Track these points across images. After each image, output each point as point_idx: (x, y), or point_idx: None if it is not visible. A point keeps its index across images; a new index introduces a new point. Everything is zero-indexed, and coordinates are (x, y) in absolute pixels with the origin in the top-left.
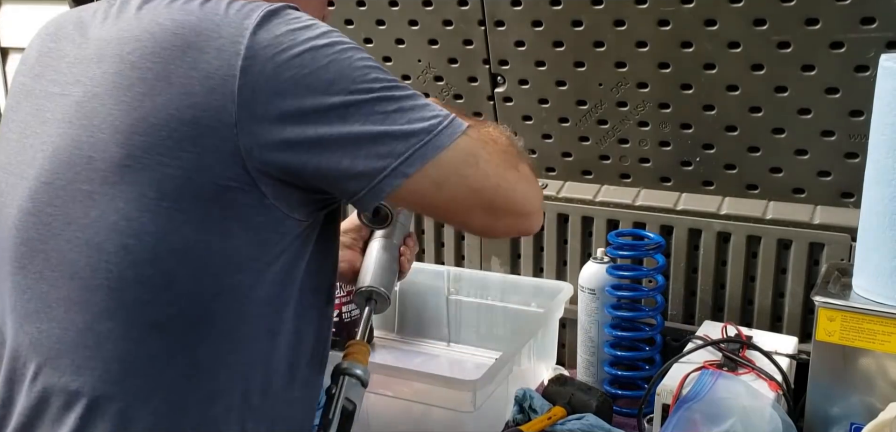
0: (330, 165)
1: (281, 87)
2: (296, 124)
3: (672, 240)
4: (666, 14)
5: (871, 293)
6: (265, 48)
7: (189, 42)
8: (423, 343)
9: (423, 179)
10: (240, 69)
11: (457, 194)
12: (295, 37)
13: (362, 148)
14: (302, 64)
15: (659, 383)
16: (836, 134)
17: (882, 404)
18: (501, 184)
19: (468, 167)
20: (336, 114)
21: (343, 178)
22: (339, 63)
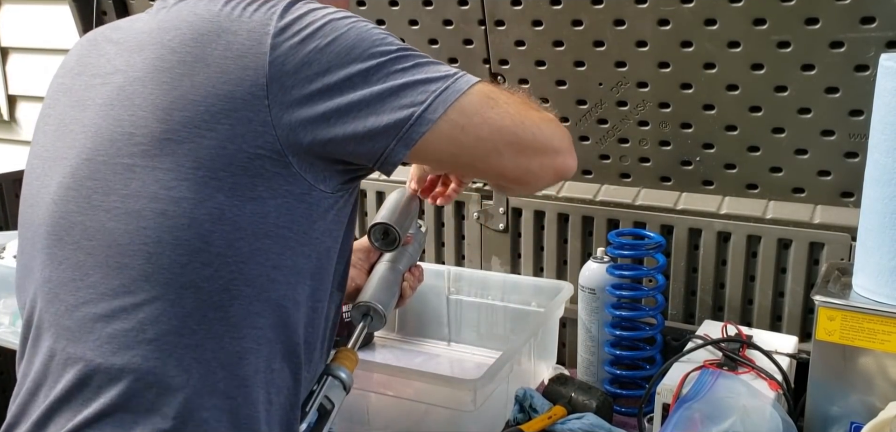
0: (357, 129)
1: (307, 60)
2: (323, 98)
3: (672, 239)
4: (666, 13)
5: (871, 292)
6: (291, 24)
7: (223, 27)
8: (423, 342)
9: (447, 124)
10: (269, 45)
11: (481, 133)
12: (316, 14)
13: (387, 102)
14: (324, 34)
15: (659, 382)
16: (836, 133)
17: (882, 403)
18: (525, 121)
19: (489, 108)
20: (359, 77)
21: (371, 137)
22: (357, 31)
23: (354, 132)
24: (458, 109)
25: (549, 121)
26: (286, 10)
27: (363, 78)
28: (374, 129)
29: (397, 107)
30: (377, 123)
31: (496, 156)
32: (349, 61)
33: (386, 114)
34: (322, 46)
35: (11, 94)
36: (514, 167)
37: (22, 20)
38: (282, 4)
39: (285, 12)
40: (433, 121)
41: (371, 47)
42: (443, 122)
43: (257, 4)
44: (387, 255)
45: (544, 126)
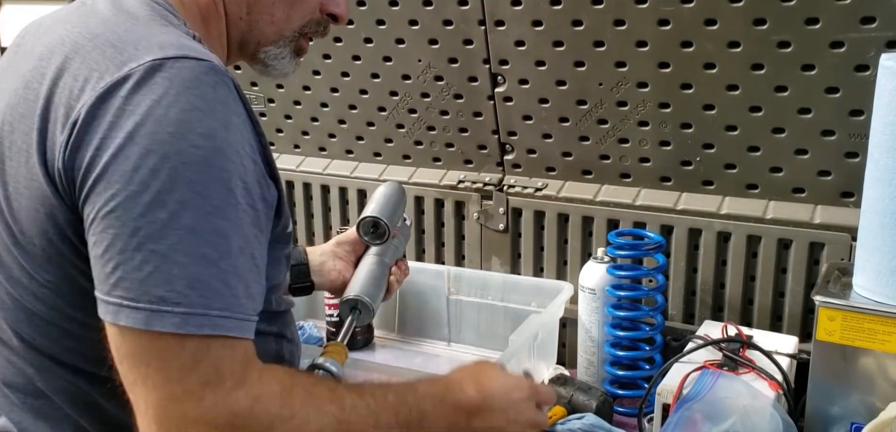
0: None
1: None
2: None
3: (672, 239)
4: (666, 14)
5: (871, 292)
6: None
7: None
8: (423, 342)
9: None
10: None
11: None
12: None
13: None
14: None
15: (659, 383)
16: (836, 133)
17: (882, 403)
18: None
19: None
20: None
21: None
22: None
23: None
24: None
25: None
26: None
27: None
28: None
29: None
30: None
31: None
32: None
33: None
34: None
35: None
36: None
37: (22, 21)
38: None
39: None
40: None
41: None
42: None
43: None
44: (373, 249)
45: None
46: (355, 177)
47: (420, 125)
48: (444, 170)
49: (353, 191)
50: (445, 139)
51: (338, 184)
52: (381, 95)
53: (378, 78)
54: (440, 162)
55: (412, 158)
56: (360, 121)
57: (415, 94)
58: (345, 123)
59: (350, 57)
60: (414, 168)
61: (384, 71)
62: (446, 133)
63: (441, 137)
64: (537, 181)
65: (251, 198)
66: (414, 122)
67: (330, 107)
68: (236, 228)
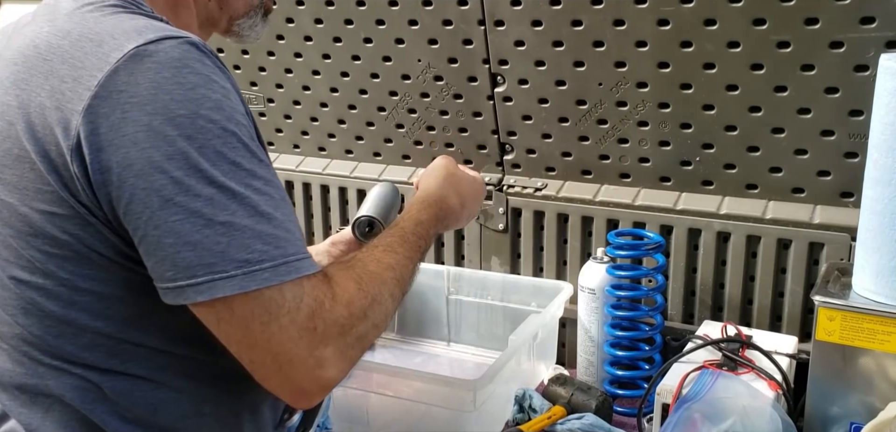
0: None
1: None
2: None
3: (672, 239)
4: (666, 14)
5: (870, 292)
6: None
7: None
8: (423, 342)
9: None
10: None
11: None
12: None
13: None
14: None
15: (659, 382)
16: (835, 133)
17: (882, 403)
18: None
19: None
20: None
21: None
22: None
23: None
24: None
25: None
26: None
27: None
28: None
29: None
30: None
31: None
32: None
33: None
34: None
35: None
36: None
37: None
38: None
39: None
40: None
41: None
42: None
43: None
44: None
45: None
46: (355, 177)
47: (420, 125)
48: None
49: (352, 191)
50: (445, 139)
51: (337, 184)
52: (380, 95)
53: (378, 78)
54: None
55: (412, 158)
56: (360, 121)
57: (414, 94)
58: (344, 123)
59: (350, 57)
60: (414, 168)
61: (384, 71)
62: (446, 133)
63: (441, 137)
64: (537, 181)
65: (263, 152)
66: (413, 122)
67: (330, 107)
68: (269, 182)
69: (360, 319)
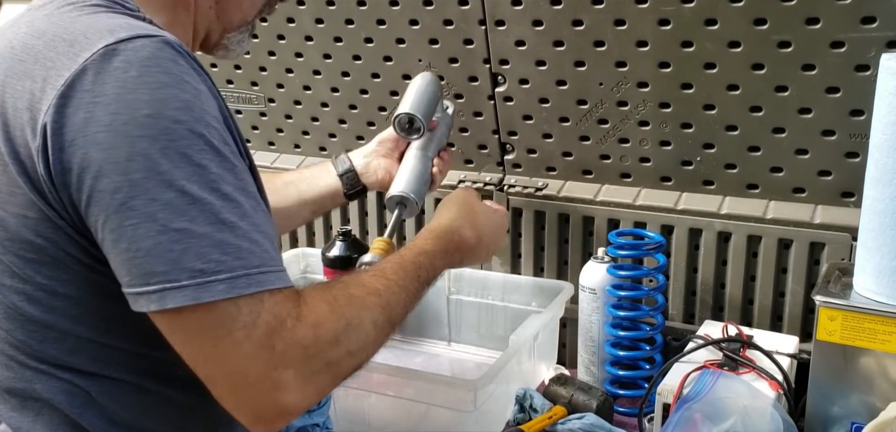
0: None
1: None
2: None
3: (672, 239)
4: (666, 13)
5: (871, 292)
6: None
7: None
8: (423, 342)
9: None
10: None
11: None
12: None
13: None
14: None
15: (660, 382)
16: (836, 133)
17: (883, 403)
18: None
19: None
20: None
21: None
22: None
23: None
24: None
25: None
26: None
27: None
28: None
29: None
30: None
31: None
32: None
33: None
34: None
35: None
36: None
37: None
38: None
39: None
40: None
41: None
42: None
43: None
44: (415, 142)
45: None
46: None
47: None
48: None
49: None
50: None
51: None
52: (381, 95)
53: (378, 78)
54: None
55: None
56: (361, 121)
57: None
58: (345, 123)
59: (350, 57)
60: None
61: (384, 71)
62: None
63: None
64: (538, 181)
65: (242, 155)
66: None
67: (330, 107)
68: (240, 189)
69: (330, 344)
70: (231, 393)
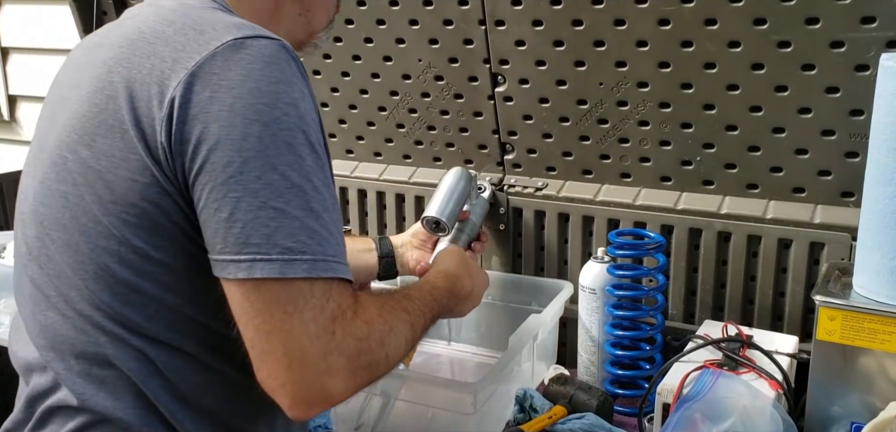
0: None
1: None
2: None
3: (672, 239)
4: (666, 13)
5: (871, 292)
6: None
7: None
8: (423, 342)
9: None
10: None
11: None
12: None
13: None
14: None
15: (659, 382)
16: (836, 133)
17: (882, 403)
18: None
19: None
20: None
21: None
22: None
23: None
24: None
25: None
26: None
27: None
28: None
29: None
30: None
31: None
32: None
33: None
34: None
35: (12, 94)
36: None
37: (22, 20)
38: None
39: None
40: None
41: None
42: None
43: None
44: (445, 237)
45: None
46: (355, 177)
47: (420, 125)
48: (444, 170)
49: (353, 191)
50: (446, 139)
51: (338, 184)
52: (381, 95)
53: (378, 78)
54: (440, 161)
55: (412, 158)
56: (361, 121)
57: (415, 93)
58: (345, 123)
59: (350, 57)
60: (414, 168)
61: (384, 71)
62: (446, 133)
63: (441, 137)
64: (537, 181)
65: (327, 158)
66: (414, 122)
67: (330, 106)
68: (327, 186)
69: (377, 344)
70: (285, 369)
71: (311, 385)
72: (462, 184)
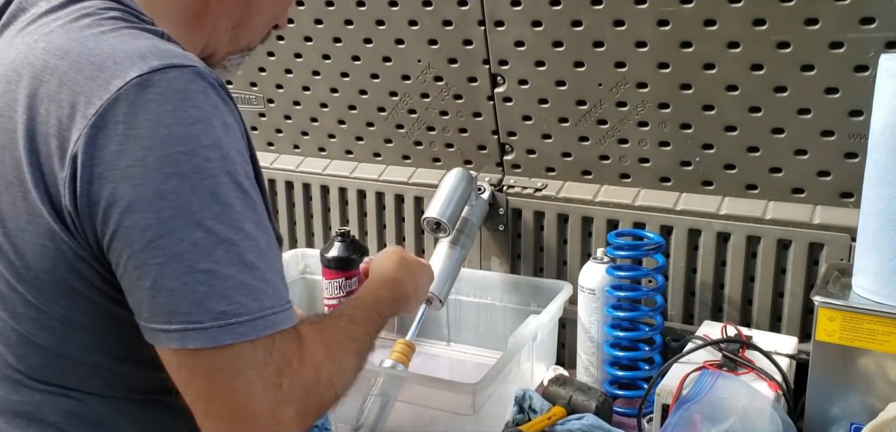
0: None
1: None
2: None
3: (672, 239)
4: (666, 14)
5: (870, 293)
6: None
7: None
8: (422, 342)
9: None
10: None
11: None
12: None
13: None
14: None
15: (659, 383)
16: (835, 134)
17: (882, 404)
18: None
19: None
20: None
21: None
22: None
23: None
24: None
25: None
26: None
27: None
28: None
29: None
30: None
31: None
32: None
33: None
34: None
35: None
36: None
37: None
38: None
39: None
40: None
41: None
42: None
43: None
44: (444, 239)
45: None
46: (355, 178)
47: (420, 125)
48: (443, 171)
49: (352, 191)
50: (445, 139)
51: (337, 185)
52: (380, 96)
53: (378, 78)
54: (440, 162)
55: (412, 159)
56: (360, 122)
57: (414, 94)
58: (344, 124)
59: (350, 57)
60: (414, 168)
61: (384, 71)
62: (446, 133)
63: (441, 138)
64: (537, 181)
65: (257, 192)
66: (413, 123)
67: (330, 107)
68: (259, 227)
69: (325, 387)
70: (231, 428)
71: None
72: (463, 185)
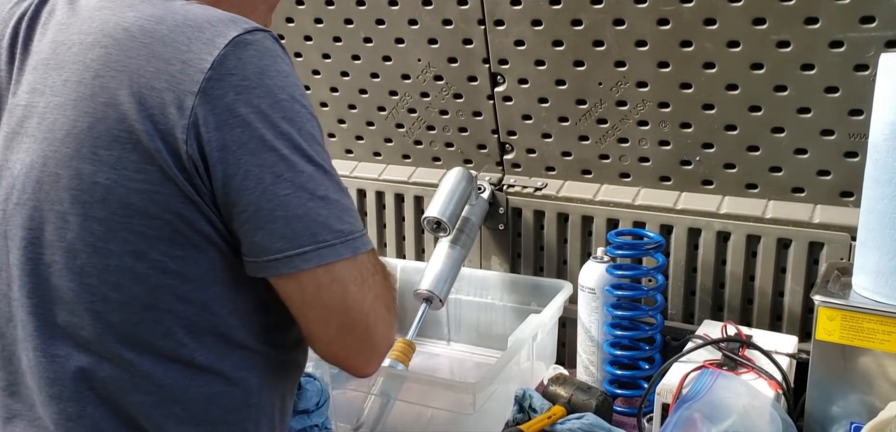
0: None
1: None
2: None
3: (672, 239)
4: (666, 13)
5: (870, 292)
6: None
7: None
8: (423, 342)
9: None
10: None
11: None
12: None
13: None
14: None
15: (659, 382)
16: (835, 133)
17: (882, 403)
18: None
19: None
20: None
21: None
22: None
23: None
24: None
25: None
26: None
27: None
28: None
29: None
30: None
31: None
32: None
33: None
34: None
35: None
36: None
37: None
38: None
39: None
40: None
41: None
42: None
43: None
44: (445, 238)
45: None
46: (355, 177)
47: (420, 125)
48: (443, 170)
49: (352, 191)
50: (445, 139)
51: None
52: (380, 95)
53: (378, 77)
54: (440, 161)
55: (412, 158)
56: (360, 121)
57: (414, 93)
58: (344, 123)
59: (349, 56)
60: (413, 167)
61: (384, 70)
62: (446, 132)
63: (441, 137)
64: (537, 180)
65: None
66: (413, 122)
67: (329, 106)
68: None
69: (392, 295)
70: (363, 333)
71: (383, 339)
72: (463, 184)
